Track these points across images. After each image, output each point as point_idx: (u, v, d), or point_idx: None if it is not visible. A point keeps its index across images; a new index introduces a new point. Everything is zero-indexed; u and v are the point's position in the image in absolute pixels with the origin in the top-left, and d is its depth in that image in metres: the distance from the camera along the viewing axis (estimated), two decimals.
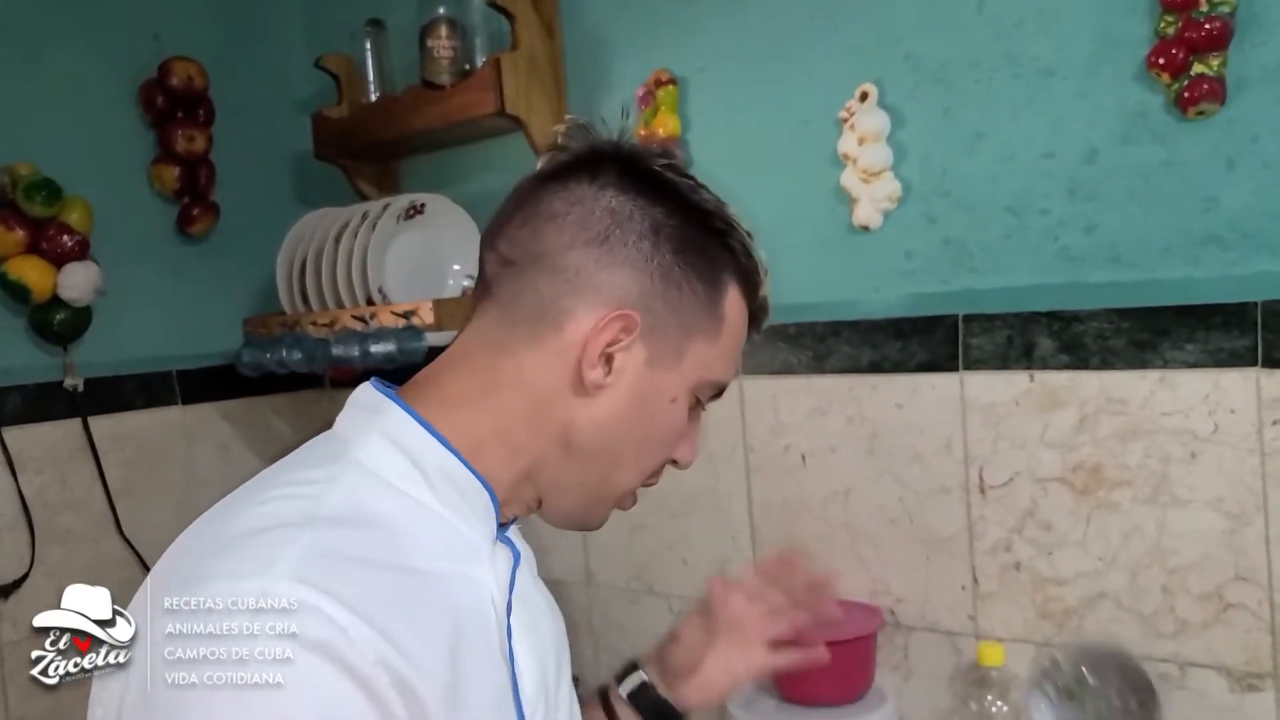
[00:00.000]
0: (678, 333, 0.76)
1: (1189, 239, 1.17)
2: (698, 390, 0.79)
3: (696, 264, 0.76)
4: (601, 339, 0.74)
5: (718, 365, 0.79)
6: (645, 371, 0.76)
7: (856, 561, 1.42)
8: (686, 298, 0.76)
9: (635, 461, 0.78)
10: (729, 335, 0.79)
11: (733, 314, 0.79)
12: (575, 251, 0.74)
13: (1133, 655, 1.16)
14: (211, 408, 1.92)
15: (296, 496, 0.67)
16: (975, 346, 1.30)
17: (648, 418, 0.77)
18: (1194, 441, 1.16)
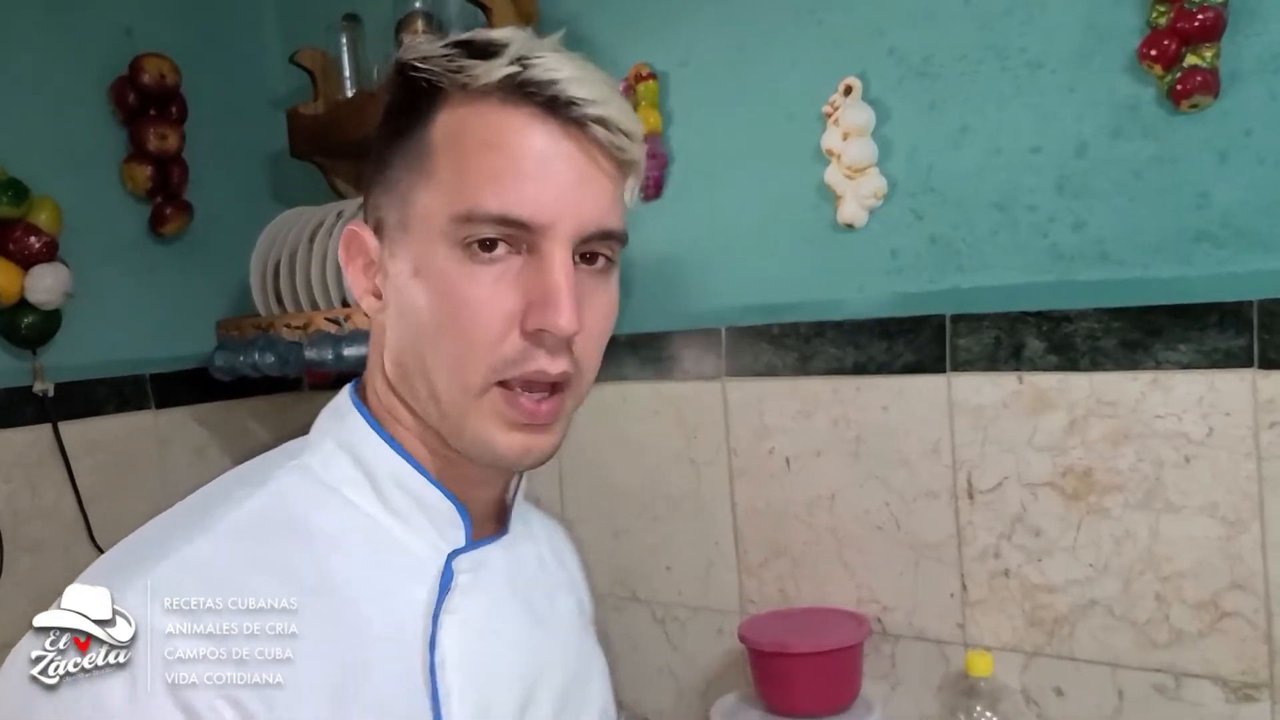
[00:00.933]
0: (397, 208, 0.66)
1: (1181, 236, 1.13)
2: (456, 238, 0.62)
3: (395, 131, 0.66)
4: (346, 266, 0.68)
5: (452, 198, 0.63)
6: (391, 269, 0.66)
7: (842, 568, 1.38)
8: (393, 170, 0.66)
9: (440, 361, 0.64)
10: (450, 156, 0.63)
11: (447, 134, 0.64)
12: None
13: None
14: (186, 412, 1.88)
15: (221, 500, 0.65)
16: (963, 347, 1.27)
17: (409, 311, 0.65)
18: (1188, 445, 1.12)
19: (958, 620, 1.29)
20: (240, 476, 0.68)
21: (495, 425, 0.64)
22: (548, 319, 0.62)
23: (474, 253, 0.62)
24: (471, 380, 0.63)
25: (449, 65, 0.64)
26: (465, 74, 0.63)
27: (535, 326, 0.62)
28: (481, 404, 0.64)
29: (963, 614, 1.29)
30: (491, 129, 0.63)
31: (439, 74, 0.64)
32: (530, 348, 0.63)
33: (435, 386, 0.65)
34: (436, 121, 0.64)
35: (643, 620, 1.58)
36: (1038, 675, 1.24)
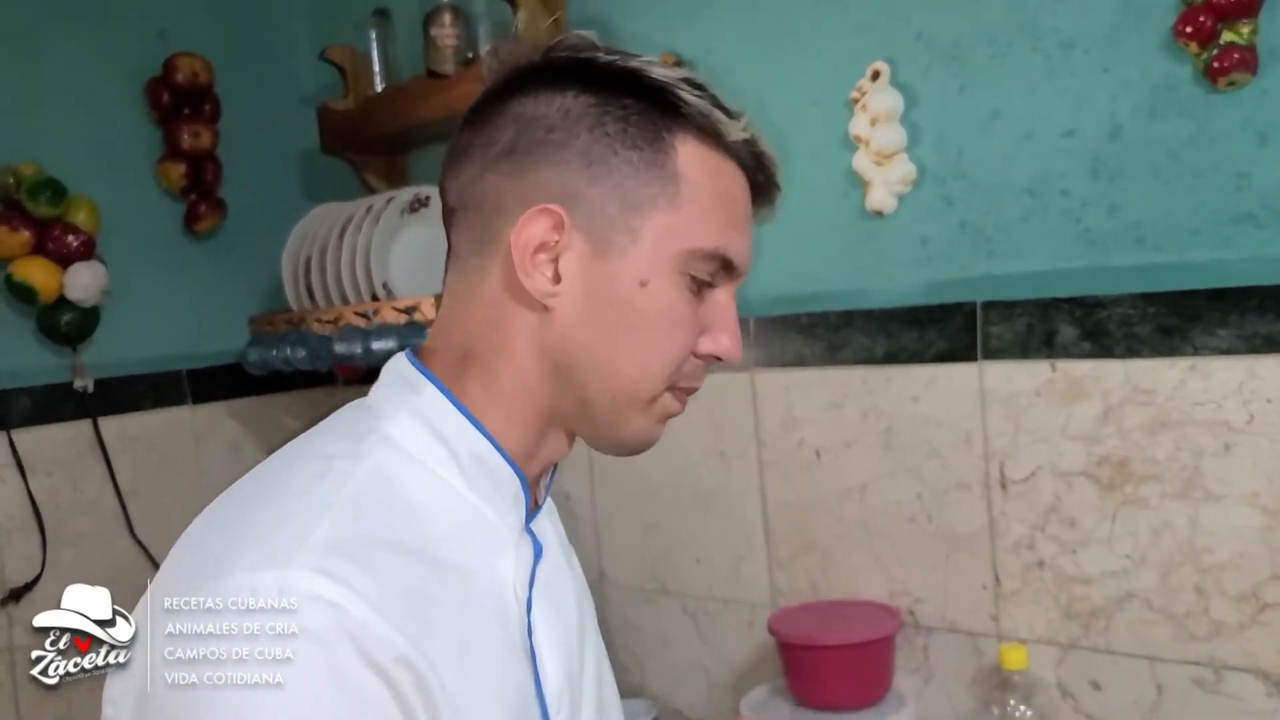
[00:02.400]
0: (621, 211, 0.68)
1: (1220, 218, 1.10)
2: (685, 267, 0.69)
3: (623, 133, 0.68)
4: (524, 240, 0.68)
5: (695, 232, 0.69)
6: (596, 264, 0.68)
7: (874, 560, 1.37)
8: (619, 170, 0.68)
9: (633, 363, 0.69)
10: (698, 195, 0.69)
11: (695, 170, 0.69)
12: (488, 173, 0.70)
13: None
14: (221, 407, 1.90)
15: (321, 475, 0.65)
16: (994, 335, 1.24)
17: (621, 311, 0.69)
18: (1228, 433, 1.09)
19: (991, 613, 1.27)
20: (326, 449, 0.68)
21: (657, 421, 0.72)
22: (723, 348, 0.72)
23: (693, 284, 0.70)
24: (656, 387, 0.70)
25: (702, 106, 0.69)
26: (717, 122, 0.69)
27: (709, 352, 0.72)
28: (653, 406, 0.71)
29: (996, 606, 1.26)
30: (732, 184, 0.71)
31: (691, 106, 0.68)
32: (699, 365, 0.72)
33: (615, 383, 0.70)
34: (680, 151, 0.69)
35: (673, 613, 1.58)
36: (1074, 668, 1.21)
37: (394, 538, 0.63)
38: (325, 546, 0.59)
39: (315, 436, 0.71)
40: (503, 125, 0.70)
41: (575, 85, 0.69)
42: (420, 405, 0.69)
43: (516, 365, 0.70)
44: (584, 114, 0.68)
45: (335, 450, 0.67)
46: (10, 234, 1.64)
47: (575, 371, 0.70)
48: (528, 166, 0.69)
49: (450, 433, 0.69)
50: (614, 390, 0.70)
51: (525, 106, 0.69)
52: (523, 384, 0.70)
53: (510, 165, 0.69)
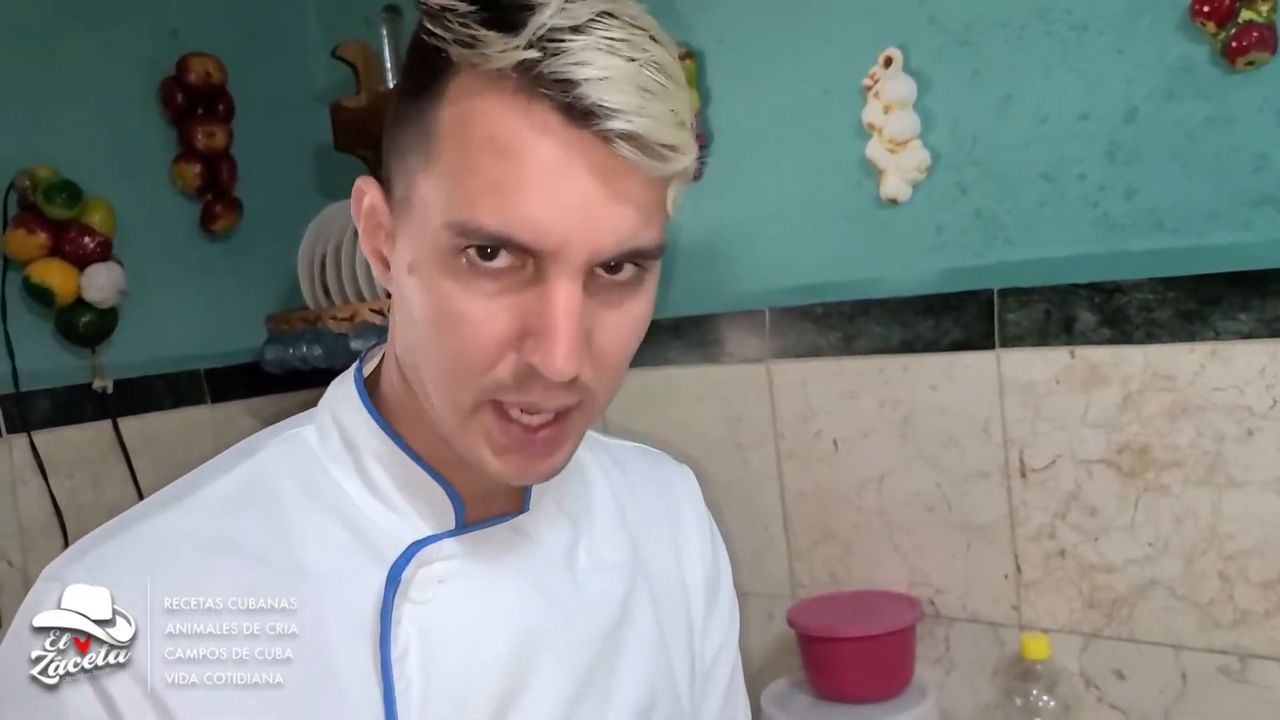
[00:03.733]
0: (399, 178, 0.57)
1: (1239, 201, 1.09)
2: (453, 245, 0.54)
3: (408, 86, 0.57)
4: (360, 228, 0.61)
5: (448, 198, 0.54)
6: (398, 256, 0.59)
7: (893, 550, 1.36)
8: (400, 130, 0.57)
9: (428, 365, 0.58)
10: (455, 148, 0.54)
11: (456, 116, 0.54)
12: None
13: None
14: (240, 405, 1.91)
15: (214, 470, 0.64)
16: (1012, 322, 1.23)
17: (402, 303, 0.59)
18: (1250, 418, 1.08)
19: (1012, 602, 1.26)
20: (241, 446, 0.66)
21: (485, 447, 0.58)
22: (541, 358, 0.54)
23: (471, 259, 0.54)
24: (462, 399, 0.57)
25: (462, 33, 0.52)
26: (478, 50, 0.52)
27: (529, 361, 0.55)
28: (471, 423, 0.58)
29: (1017, 595, 1.25)
30: (499, 127, 0.53)
31: (448, 42, 0.53)
32: (528, 375, 0.55)
33: (428, 391, 0.59)
34: (446, 97, 0.55)
35: None
36: (1097, 657, 1.20)
37: (234, 540, 0.59)
38: (124, 544, 0.59)
39: (260, 432, 0.68)
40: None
41: (410, 43, 0.59)
42: (339, 406, 0.65)
43: (394, 364, 0.63)
44: (401, 75, 0.60)
45: (243, 447, 0.65)
46: (27, 236, 1.64)
47: (413, 373, 0.60)
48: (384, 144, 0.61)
49: (355, 433, 0.63)
50: (429, 397, 0.59)
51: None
52: (399, 383, 0.63)
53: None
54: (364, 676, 0.59)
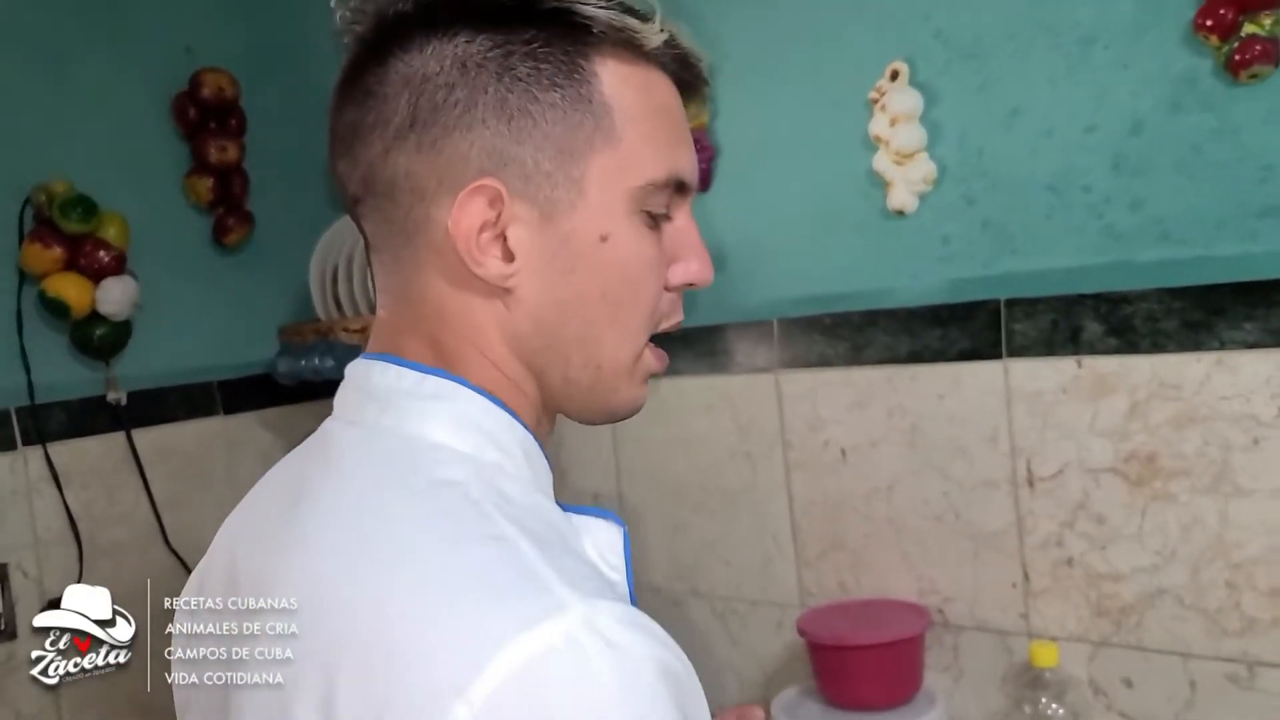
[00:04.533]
0: (557, 164, 0.60)
1: (1245, 211, 1.10)
2: (641, 204, 0.62)
3: (536, 72, 0.60)
4: (465, 227, 0.60)
5: (642, 164, 0.62)
6: (547, 229, 0.61)
7: (902, 559, 1.37)
8: (544, 118, 0.60)
9: (614, 327, 0.63)
10: (634, 120, 0.62)
11: (623, 93, 0.61)
12: (392, 154, 0.61)
13: None
14: (253, 417, 1.92)
15: (468, 516, 0.56)
16: (1019, 332, 1.24)
17: (589, 272, 0.62)
18: (1256, 427, 1.09)
19: (1021, 611, 1.27)
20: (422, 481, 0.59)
21: (640, 382, 0.67)
22: (694, 273, 0.66)
23: (648, 220, 0.63)
24: (640, 342, 0.65)
25: (612, 17, 0.60)
26: (634, 33, 0.61)
27: (681, 282, 0.66)
28: (637, 367, 0.65)
29: (1026, 604, 1.26)
30: (663, 96, 0.64)
31: (601, 21, 0.60)
32: (674, 300, 0.67)
33: (601, 353, 0.63)
34: (603, 77, 0.61)
35: (703, 615, 1.58)
36: (1105, 666, 1.21)
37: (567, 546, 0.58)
38: (562, 569, 0.54)
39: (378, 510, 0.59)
40: (392, 94, 0.60)
41: (464, 29, 0.60)
42: (460, 409, 0.61)
43: (495, 358, 0.63)
44: (485, 61, 0.60)
45: (447, 476, 0.59)
46: (43, 251, 1.66)
47: (553, 355, 0.63)
48: (438, 137, 0.60)
49: (497, 430, 0.62)
50: (597, 361, 0.64)
51: (412, 65, 0.60)
52: (503, 378, 0.63)
53: (417, 140, 0.60)
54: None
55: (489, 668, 0.49)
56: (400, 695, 0.51)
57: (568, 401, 0.66)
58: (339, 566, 0.56)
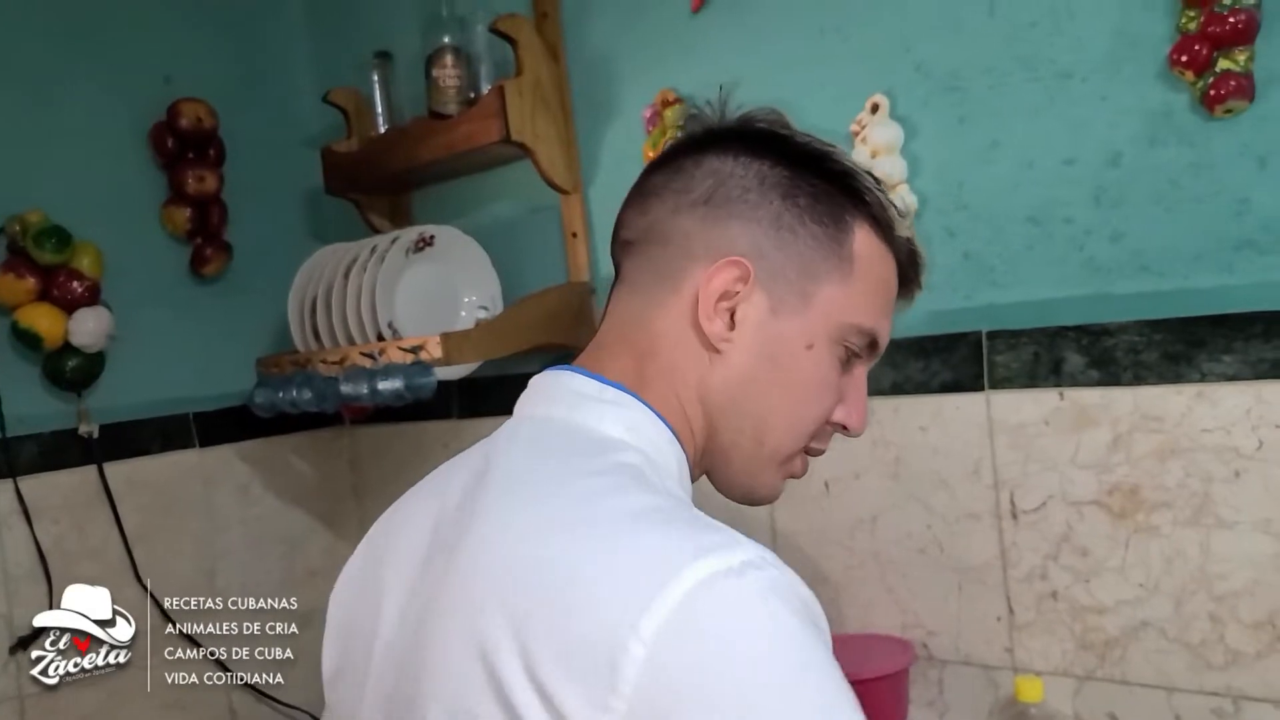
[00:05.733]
0: (799, 276, 0.74)
1: (1222, 244, 1.10)
2: (842, 338, 0.76)
3: (812, 207, 0.75)
4: (713, 287, 0.73)
5: (858, 309, 0.76)
6: (770, 320, 0.74)
7: (886, 592, 1.36)
8: (804, 240, 0.75)
9: (785, 418, 0.76)
10: (866, 276, 0.76)
11: (867, 254, 0.77)
12: (681, 215, 0.76)
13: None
14: (230, 449, 1.90)
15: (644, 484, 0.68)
16: (1001, 364, 1.24)
17: (784, 368, 0.75)
18: (1237, 459, 1.09)
19: (1005, 644, 1.26)
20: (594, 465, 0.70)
21: (783, 477, 0.80)
22: (852, 421, 0.80)
23: (844, 357, 0.77)
24: (798, 445, 0.78)
25: (881, 197, 0.77)
26: (891, 217, 0.78)
27: (840, 420, 0.79)
28: (786, 463, 0.78)
29: (1010, 638, 1.25)
30: (890, 273, 0.79)
31: (872, 195, 0.77)
32: (828, 431, 0.80)
33: (764, 434, 0.76)
34: (857, 234, 0.76)
35: None
36: (1090, 700, 1.20)
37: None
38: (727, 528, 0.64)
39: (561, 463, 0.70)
40: (700, 176, 0.76)
41: (771, 156, 0.76)
42: (631, 417, 0.73)
43: (678, 396, 0.75)
44: (779, 183, 0.75)
45: (616, 461, 0.69)
46: (16, 281, 1.65)
47: (730, 417, 0.76)
48: (722, 217, 0.74)
49: (662, 443, 0.74)
50: (761, 440, 0.76)
51: (724, 164, 0.76)
52: (683, 415, 0.76)
53: (705, 212, 0.75)
54: None
55: (684, 574, 0.58)
56: (591, 619, 0.58)
57: (724, 464, 0.78)
58: (527, 531, 0.65)
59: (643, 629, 0.57)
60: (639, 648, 0.56)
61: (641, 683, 0.56)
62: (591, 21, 1.63)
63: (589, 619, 0.59)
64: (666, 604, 0.57)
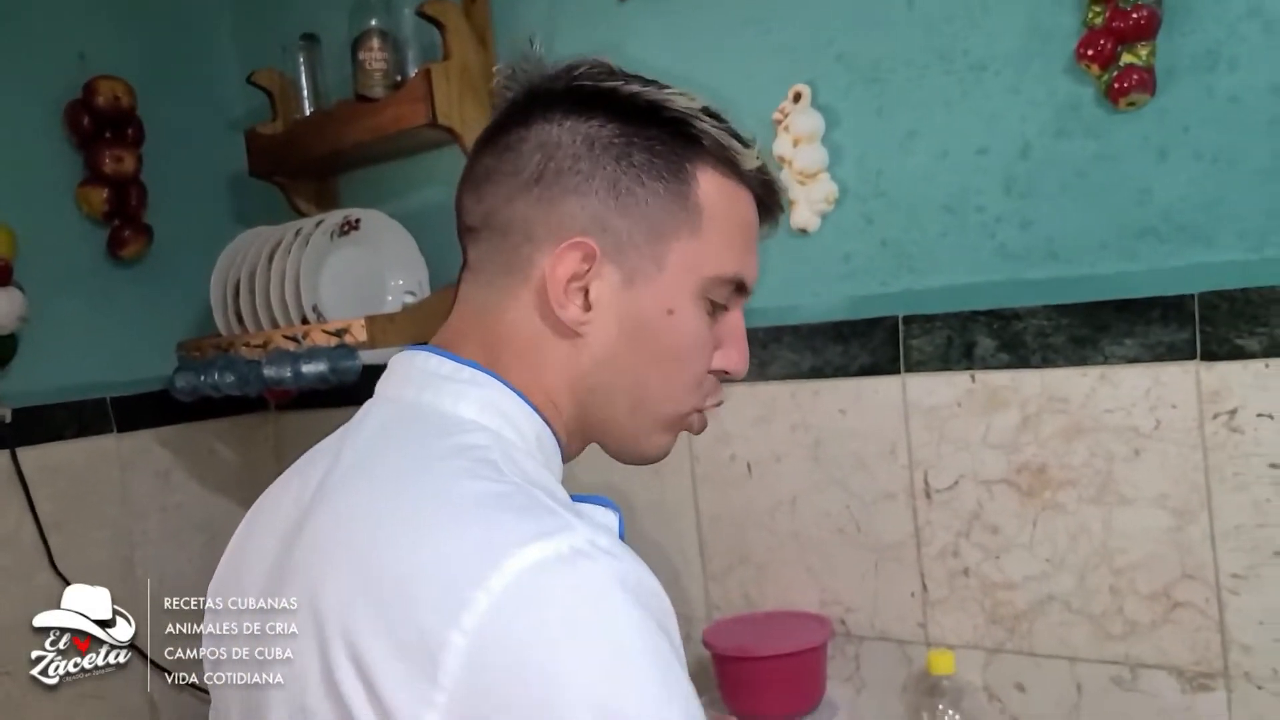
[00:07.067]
0: (648, 240, 0.72)
1: (1125, 232, 1.15)
2: (704, 293, 0.74)
3: (649, 164, 0.72)
4: (559, 274, 0.71)
5: (717, 259, 0.74)
6: (626, 292, 0.72)
7: (805, 572, 1.39)
8: (645, 201, 0.72)
9: (661, 388, 0.74)
10: (719, 223, 0.74)
11: (715, 200, 0.74)
12: (516, 201, 0.73)
13: None
14: (149, 435, 1.87)
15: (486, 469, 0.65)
16: (916, 348, 1.28)
17: (650, 338, 0.73)
18: (1137, 438, 1.14)
19: (919, 620, 1.30)
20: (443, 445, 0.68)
21: (671, 434, 0.78)
22: (733, 363, 0.78)
23: (709, 307, 0.75)
24: (683, 409, 0.76)
25: (720, 136, 0.74)
26: (735, 153, 0.74)
27: (720, 367, 0.77)
28: (678, 423, 0.77)
29: (924, 613, 1.29)
30: (746, 210, 0.76)
31: (710, 137, 0.73)
32: (715, 382, 0.78)
33: (643, 406, 0.74)
34: (701, 181, 0.73)
35: None
36: (999, 672, 1.24)
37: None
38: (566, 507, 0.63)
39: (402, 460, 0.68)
40: (528, 152, 0.72)
41: (600, 114, 0.72)
42: (489, 396, 0.71)
43: (546, 384, 0.73)
44: (610, 144, 0.72)
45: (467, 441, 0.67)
46: None
47: (605, 395, 0.74)
48: (557, 196, 0.72)
49: (520, 421, 0.72)
50: (640, 412, 0.75)
51: (551, 132, 0.72)
52: (548, 398, 0.74)
53: (539, 193, 0.72)
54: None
55: (506, 564, 0.56)
56: (413, 610, 0.57)
57: (606, 438, 0.77)
58: (361, 521, 0.64)
59: (464, 620, 0.56)
60: (460, 638, 0.56)
61: (462, 674, 0.55)
62: (520, 7, 1.63)
63: (412, 611, 0.58)
64: (488, 594, 0.56)
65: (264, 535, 0.74)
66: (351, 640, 0.59)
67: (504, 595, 0.56)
